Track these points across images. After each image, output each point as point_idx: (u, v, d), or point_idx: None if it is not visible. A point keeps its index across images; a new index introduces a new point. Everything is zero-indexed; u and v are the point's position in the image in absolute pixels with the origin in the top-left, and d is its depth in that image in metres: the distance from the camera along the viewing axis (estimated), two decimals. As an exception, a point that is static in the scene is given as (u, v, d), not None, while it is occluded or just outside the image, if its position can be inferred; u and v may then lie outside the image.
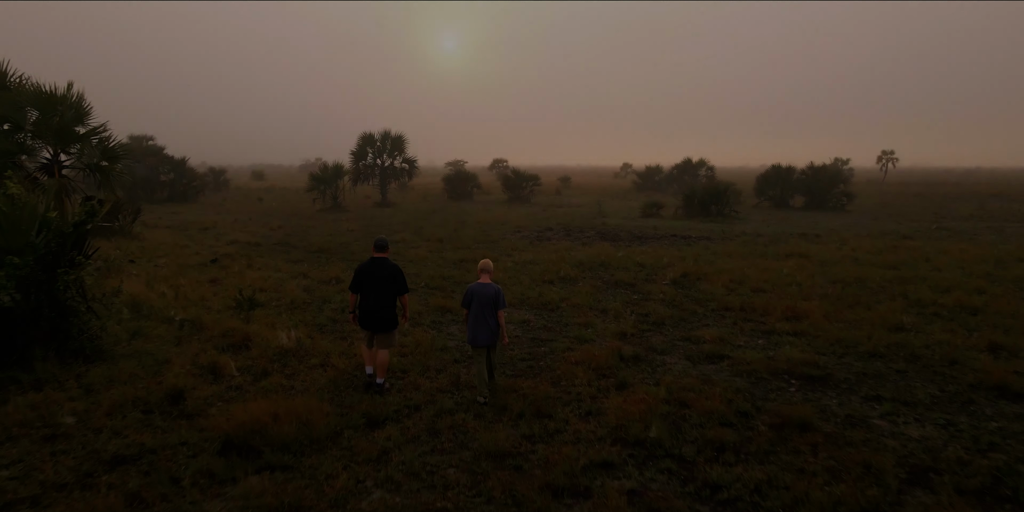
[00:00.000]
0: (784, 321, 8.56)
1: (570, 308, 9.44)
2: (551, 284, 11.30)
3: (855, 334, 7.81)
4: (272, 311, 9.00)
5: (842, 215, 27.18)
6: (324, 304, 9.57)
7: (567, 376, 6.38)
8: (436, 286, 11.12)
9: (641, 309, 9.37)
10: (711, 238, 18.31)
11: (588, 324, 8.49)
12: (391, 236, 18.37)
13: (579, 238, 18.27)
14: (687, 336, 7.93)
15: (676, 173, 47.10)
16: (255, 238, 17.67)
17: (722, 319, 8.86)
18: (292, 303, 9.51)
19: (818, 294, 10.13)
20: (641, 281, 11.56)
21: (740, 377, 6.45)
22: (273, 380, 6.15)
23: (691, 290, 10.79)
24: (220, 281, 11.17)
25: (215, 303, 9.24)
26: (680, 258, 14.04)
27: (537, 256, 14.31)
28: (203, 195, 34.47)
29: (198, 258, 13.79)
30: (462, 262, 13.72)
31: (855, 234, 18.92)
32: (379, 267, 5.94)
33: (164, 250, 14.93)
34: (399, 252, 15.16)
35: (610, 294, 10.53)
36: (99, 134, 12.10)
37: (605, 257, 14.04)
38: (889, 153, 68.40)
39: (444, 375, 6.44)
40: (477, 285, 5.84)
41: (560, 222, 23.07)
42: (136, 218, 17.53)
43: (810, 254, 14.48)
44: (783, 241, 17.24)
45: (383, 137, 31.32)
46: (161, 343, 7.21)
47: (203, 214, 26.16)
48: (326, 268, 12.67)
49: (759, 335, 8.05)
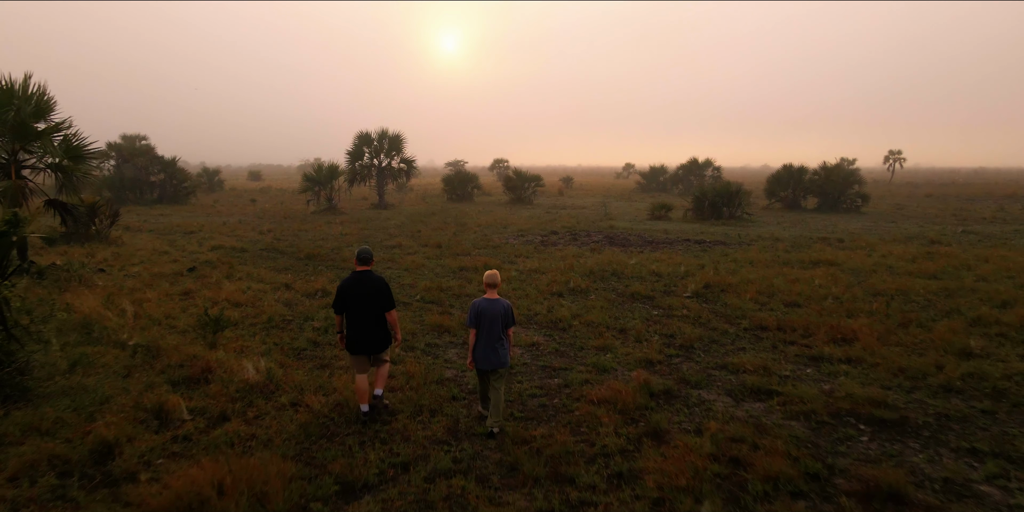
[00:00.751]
0: (832, 344, 7.45)
1: (584, 327, 8.34)
2: (560, 297, 10.20)
3: (919, 362, 6.70)
4: (245, 331, 7.89)
5: (858, 217, 26.06)
6: (305, 322, 8.47)
7: (588, 420, 5.28)
8: (432, 299, 10.02)
9: (664, 328, 8.26)
10: (727, 243, 17.20)
11: (606, 348, 7.39)
12: (386, 241, 17.28)
13: (586, 243, 17.16)
14: (722, 363, 6.83)
15: (682, 173, 45.97)
16: (241, 243, 16.57)
17: (758, 341, 7.75)
18: (269, 321, 8.40)
19: (862, 310, 9.02)
20: (659, 293, 10.45)
21: (796, 421, 5.34)
22: (231, 427, 5.04)
23: (716, 304, 9.69)
24: (193, 294, 10.06)
25: (182, 321, 8.13)
26: (698, 266, 12.93)
27: (543, 264, 13.21)
28: (194, 196, 33.34)
29: (175, 266, 12.69)
30: (462, 270, 12.62)
31: (879, 238, 17.81)
32: (363, 282, 5.26)
33: (141, 257, 13.83)
34: (393, 259, 14.05)
35: (627, 309, 9.42)
36: (62, 131, 10.99)
37: (617, 265, 12.93)
38: (896, 153, 67.19)
39: (440, 419, 5.33)
40: (484, 301, 5.09)
41: (565, 225, 21.97)
42: (114, 222, 16.42)
43: (838, 261, 13.37)
44: (805, 246, 16.13)
45: (380, 136, 30.21)
46: (106, 375, 6.11)
47: (192, 216, 25.05)
48: (313, 278, 11.56)
49: (806, 362, 6.94)
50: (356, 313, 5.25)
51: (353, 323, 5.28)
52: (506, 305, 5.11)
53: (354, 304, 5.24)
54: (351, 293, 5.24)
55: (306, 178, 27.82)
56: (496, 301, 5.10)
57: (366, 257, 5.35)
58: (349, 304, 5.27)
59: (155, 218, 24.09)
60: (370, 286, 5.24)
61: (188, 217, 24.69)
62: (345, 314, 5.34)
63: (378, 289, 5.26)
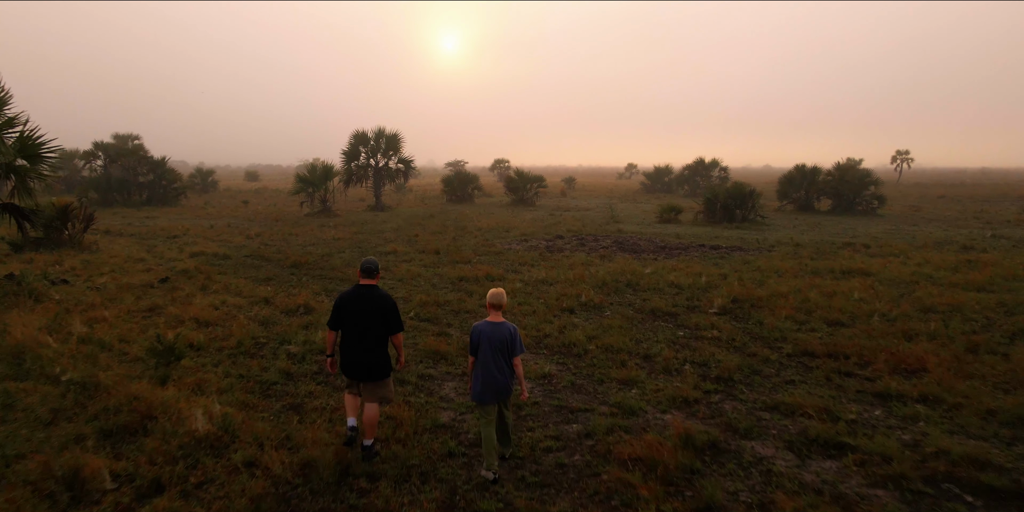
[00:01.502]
0: (895, 375, 6.33)
1: (602, 352, 7.22)
2: (572, 314, 9.08)
3: (1011, 402, 5.57)
4: (208, 358, 6.77)
5: (876, 220, 24.93)
6: (281, 346, 7.34)
7: (620, 489, 4.16)
8: (428, 317, 8.90)
9: (695, 354, 7.13)
10: (745, 248, 16.07)
11: (631, 381, 6.26)
12: (380, 246, 16.16)
13: (595, 249, 16.03)
14: (772, 402, 5.70)
15: (688, 174, 44.82)
16: (225, 249, 15.45)
17: (808, 371, 6.63)
18: (238, 346, 7.28)
19: (918, 331, 7.89)
20: (682, 309, 9.33)
21: (883, 489, 4.22)
22: (163, 503, 3.92)
23: (749, 322, 8.57)
24: (159, 310, 8.95)
25: (137, 347, 7.01)
26: (720, 276, 11.81)
27: (551, 273, 12.08)
28: (185, 198, 32.22)
29: (148, 276, 11.57)
30: (461, 281, 11.49)
31: (908, 244, 16.68)
32: (366, 298, 4.58)
33: (113, 265, 12.71)
34: (387, 267, 12.93)
35: (648, 329, 8.30)
36: (15, 126, 9.88)
37: (631, 275, 11.81)
38: (904, 153, 66.05)
39: (433, 487, 4.21)
40: (486, 324, 4.44)
41: (570, 228, 20.84)
42: (88, 226, 15.31)
43: (873, 271, 12.23)
44: (831, 253, 15.00)
45: (377, 135, 29.08)
46: (24, 423, 4.99)
47: (180, 219, 23.93)
48: (296, 291, 10.44)
49: (871, 400, 5.81)
50: (353, 332, 4.55)
51: (348, 343, 4.57)
52: (512, 330, 4.42)
53: (352, 322, 4.54)
54: (350, 309, 4.54)
55: (299, 179, 26.67)
56: (500, 325, 4.40)
57: (371, 269, 4.63)
58: (346, 321, 4.56)
59: (140, 221, 22.97)
60: (374, 303, 4.54)
61: (175, 220, 23.58)
62: (340, 333, 4.63)
63: (383, 308, 4.56)
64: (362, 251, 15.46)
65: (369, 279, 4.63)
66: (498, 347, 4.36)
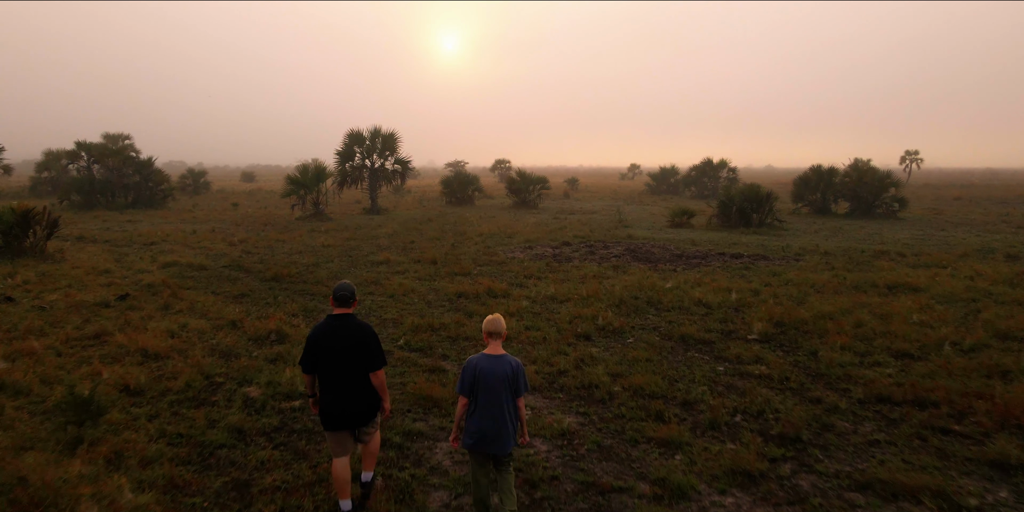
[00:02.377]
0: (1006, 432, 5.01)
1: (630, 397, 5.90)
2: (589, 341, 7.76)
3: None
4: (144, 408, 5.46)
5: (899, 224, 23.60)
6: (239, 389, 6.03)
7: None
8: (420, 345, 7.58)
9: (745, 400, 5.81)
10: (769, 258, 14.75)
11: (674, 442, 4.94)
12: (372, 255, 14.83)
13: (606, 258, 14.71)
14: (863, 479, 4.38)
15: (695, 175, 43.45)
16: (203, 258, 14.13)
17: (891, 425, 5.31)
18: (187, 388, 5.96)
19: (1007, 366, 6.55)
20: (717, 335, 8.02)
21: None
22: None
23: (799, 354, 7.25)
24: (107, 338, 7.62)
25: (58, 391, 5.68)
26: (751, 291, 10.49)
27: (560, 288, 10.76)
28: (172, 200, 30.90)
29: (107, 292, 10.26)
30: (460, 298, 10.17)
31: (945, 252, 15.35)
32: (340, 332, 3.85)
33: (72, 278, 11.39)
34: (378, 281, 11.61)
35: (681, 361, 6.98)
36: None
37: (651, 291, 10.49)
38: (913, 153, 64.70)
39: None
40: (483, 358, 3.77)
41: (577, 234, 19.52)
42: (52, 233, 13.99)
43: (921, 285, 10.90)
44: (865, 263, 13.68)
45: (373, 135, 27.73)
46: None
47: (162, 223, 22.62)
48: (270, 311, 9.13)
49: (990, 474, 4.49)
50: (333, 374, 3.83)
51: (330, 388, 3.85)
52: (514, 365, 3.75)
53: (330, 362, 3.82)
54: (324, 346, 3.81)
55: (290, 181, 25.33)
56: (500, 358, 3.74)
57: (345, 296, 3.89)
58: (323, 361, 3.83)
59: (120, 225, 21.66)
60: (351, 337, 3.83)
61: (158, 224, 22.26)
62: (318, 375, 3.90)
63: (361, 342, 3.84)
64: (352, 260, 14.15)
65: (344, 308, 3.90)
66: (498, 386, 3.65)
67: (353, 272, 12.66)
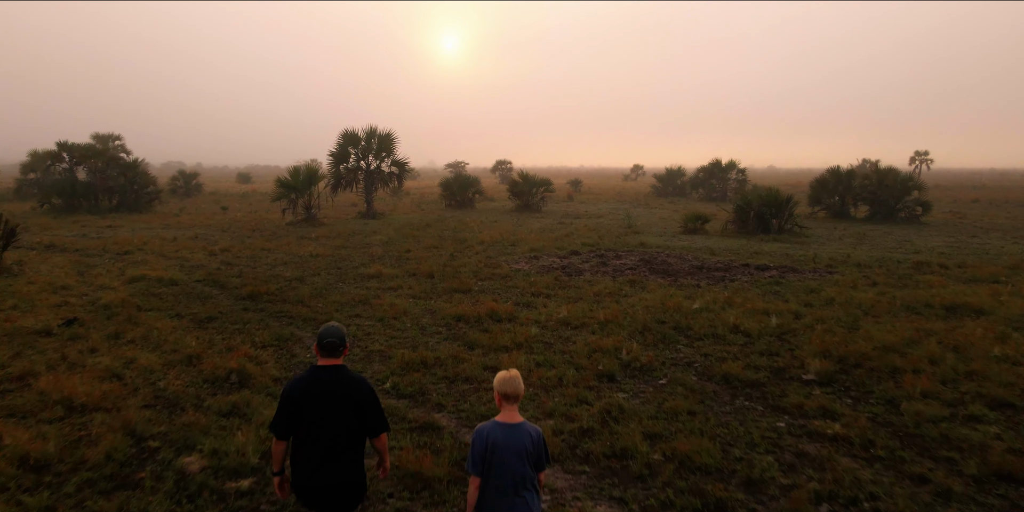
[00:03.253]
0: None
1: (677, 473, 4.58)
2: (613, 384, 6.45)
3: None
4: (37, 498, 4.13)
5: (925, 229, 22.27)
6: (175, 460, 4.70)
7: None
8: (410, 390, 6.26)
9: (826, 478, 4.48)
10: (798, 270, 13.43)
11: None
12: (363, 267, 13.49)
13: (620, 270, 13.38)
14: None
15: (703, 176, 42.10)
16: (176, 271, 12.81)
17: (1030, 521, 3.99)
18: (106, 462, 4.64)
19: None
20: (765, 374, 6.71)
21: None
22: None
23: (873, 403, 5.94)
24: (30, 381, 6.31)
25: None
26: (791, 314, 9.18)
27: (573, 309, 9.43)
28: (159, 203, 29.56)
29: (56, 314, 8.95)
30: (459, 322, 8.86)
31: (989, 262, 14.02)
32: (329, 388, 3.01)
33: (21, 297, 10.08)
34: (367, 300, 10.28)
35: (729, 414, 5.67)
36: None
37: (676, 313, 9.19)
38: (923, 154, 63.35)
39: None
40: (496, 427, 2.97)
41: (586, 241, 18.19)
42: (8, 243, 12.67)
43: (984, 307, 9.56)
44: (907, 277, 12.36)
45: (368, 135, 26.41)
46: None
47: (144, 228, 21.30)
48: (236, 342, 7.80)
49: None
50: (315, 438, 3.02)
51: (308, 455, 3.03)
52: (535, 434, 3.01)
53: (314, 421, 3.02)
54: (307, 405, 3.02)
55: (280, 184, 23.99)
56: (518, 427, 2.98)
57: (333, 344, 3.05)
58: (306, 421, 3.02)
59: (98, 231, 20.34)
60: (342, 394, 3.04)
61: (139, 229, 20.94)
62: (293, 439, 3.09)
63: (357, 401, 3.05)
64: (340, 274, 12.83)
65: (332, 358, 3.10)
66: (516, 461, 2.95)
67: (340, 288, 11.34)
